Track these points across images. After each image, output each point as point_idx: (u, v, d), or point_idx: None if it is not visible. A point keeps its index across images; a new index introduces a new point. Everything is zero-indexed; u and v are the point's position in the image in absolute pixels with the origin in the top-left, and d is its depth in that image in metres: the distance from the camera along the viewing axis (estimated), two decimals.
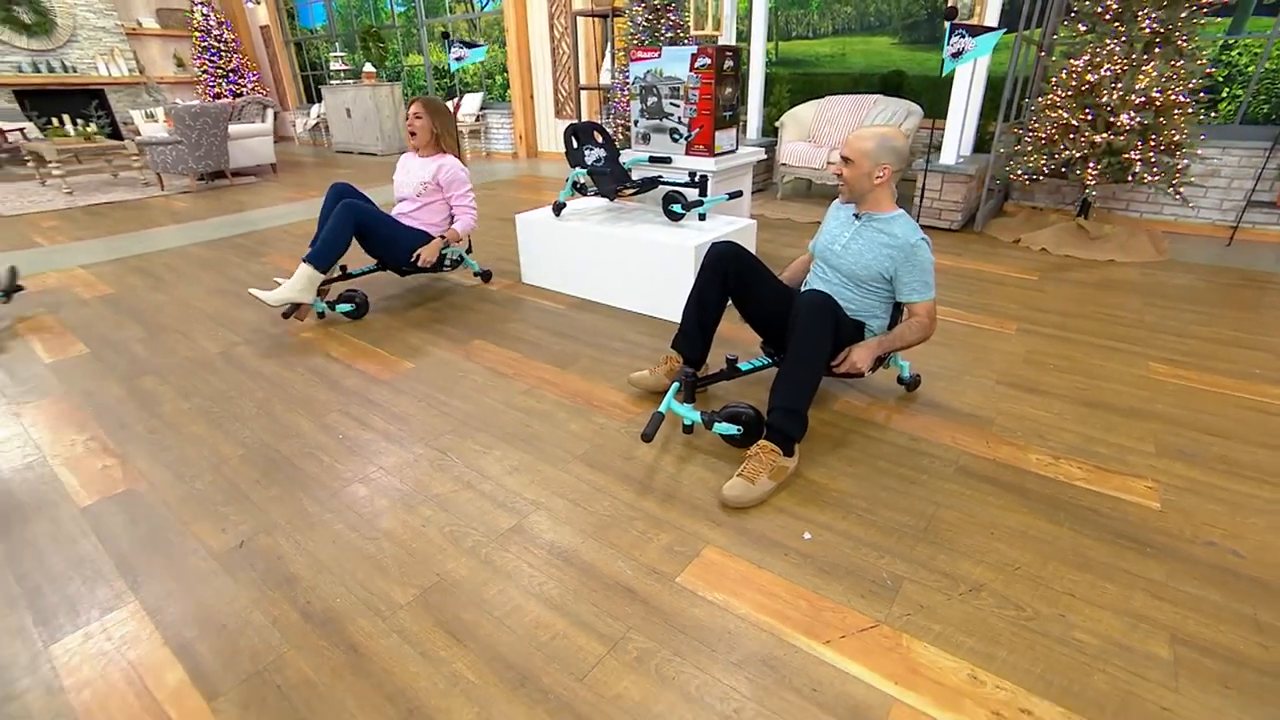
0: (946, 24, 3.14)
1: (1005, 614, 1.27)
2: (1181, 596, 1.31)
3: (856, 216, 1.81)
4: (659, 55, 2.90)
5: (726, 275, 1.90)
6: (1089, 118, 3.44)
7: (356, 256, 2.97)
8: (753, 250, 2.80)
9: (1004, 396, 2.10)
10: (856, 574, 1.37)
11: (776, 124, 5.08)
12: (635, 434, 1.88)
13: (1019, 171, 3.84)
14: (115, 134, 8.87)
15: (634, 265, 2.72)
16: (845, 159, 1.70)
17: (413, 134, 2.86)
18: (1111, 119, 3.42)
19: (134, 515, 1.64)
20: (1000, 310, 2.84)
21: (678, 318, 2.69)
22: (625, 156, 3.04)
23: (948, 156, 4.04)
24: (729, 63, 2.86)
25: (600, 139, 2.94)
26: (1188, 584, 1.34)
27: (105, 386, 2.34)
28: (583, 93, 6.44)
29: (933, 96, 5.21)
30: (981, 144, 4.50)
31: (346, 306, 2.79)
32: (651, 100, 3.01)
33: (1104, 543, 1.45)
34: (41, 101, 8.69)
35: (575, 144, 2.89)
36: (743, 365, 1.94)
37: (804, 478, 1.68)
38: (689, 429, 1.88)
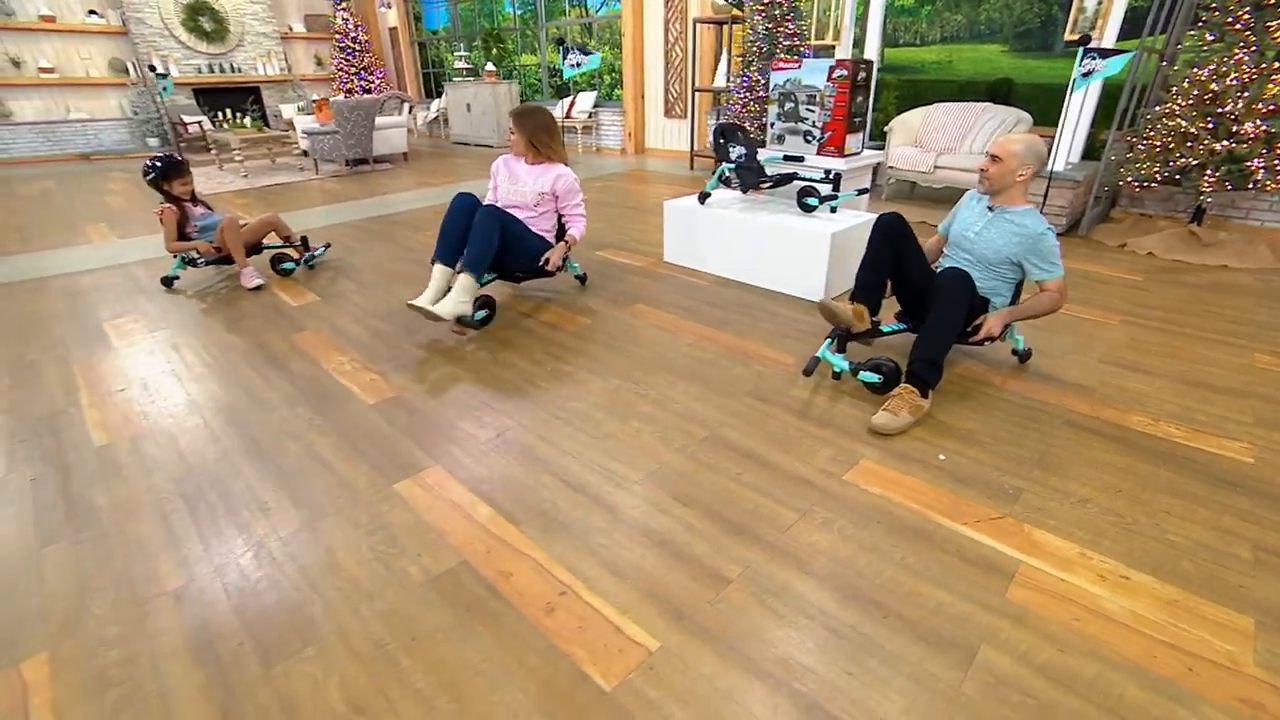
0: (1081, 48, 3.39)
1: (1108, 519, 1.61)
2: (1266, 521, 1.61)
3: (990, 208, 2.15)
4: (799, 66, 3.29)
5: (894, 238, 2.21)
6: (1209, 126, 3.58)
7: None
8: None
9: (1107, 373, 2.38)
10: (983, 484, 1.74)
11: (885, 129, 5.35)
12: (791, 378, 2.31)
13: (1129, 178, 3.99)
14: (265, 125, 10.07)
15: (775, 248, 3.14)
16: (994, 157, 2.05)
17: (511, 145, 2.98)
18: (1235, 127, 3.54)
19: (409, 412, 2.20)
20: (1104, 304, 3.06)
21: (812, 295, 3.09)
22: (762, 154, 3.45)
23: (1056, 163, 4.22)
24: (862, 74, 3.22)
25: (743, 138, 3.36)
26: (1274, 514, 1.63)
27: (343, 324, 2.96)
28: (695, 94, 6.87)
29: (1041, 104, 5.33)
30: (1090, 151, 4.63)
31: (483, 314, 2.82)
32: (789, 105, 3.40)
33: (1198, 481, 1.76)
34: (210, 97, 9.96)
35: (723, 141, 3.33)
36: (884, 327, 2.32)
37: (935, 418, 2.05)
38: (838, 375, 2.28)
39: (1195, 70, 3.64)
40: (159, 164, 3.35)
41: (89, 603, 1.43)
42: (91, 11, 8.89)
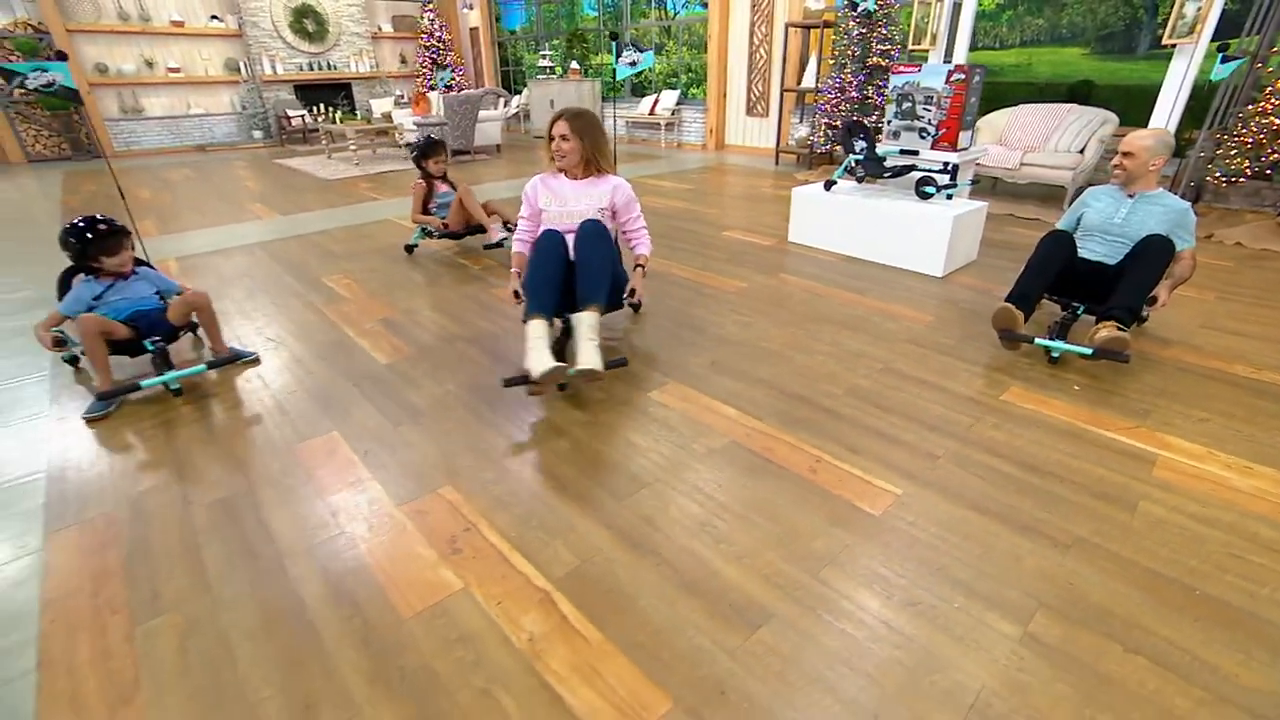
0: (1220, 54, 3.94)
1: (1227, 431, 2.04)
2: None
3: (1130, 196, 2.55)
4: (919, 70, 3.73)
5: (1065, 250, 2.56)
6: None
7: None
8: (979, 229, 3.59)
9: (1209, 335, 2.77)
10: (1116, 407, 2.18)
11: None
12: (934, 331, 2.77)
13: (1218, 174, 4.32)
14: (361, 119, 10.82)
15: (899, 229, 3.59)
16: (1127, 154, 2.46)
17: (562, 156, 2.47)
18: None
19: (626, 346, 2.70)
20: (1198, 284, 3.40)
21: (933, 271, 3.53)
22: (880, 148, 3.90)
23: None
24: (976, 78, 3.64)
25: (864, 134, 3.81)
26: None
27: None
28: (780, 94, 7.31)
29: (1122, 105, 5.64)
30: (1174, 149, 4.94)
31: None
32: (906, 105, 3.84)
33: None
34: (306, 93, 10.75)
35: (849, 136, 3.78)
36: (1078, 309, 2.67)
37: (1067, 362, 2.49)
38: (1055, 359, 2.53)
39: None
40: (420, 144, 3.97)
41: (456, 459, 1.97)
42: (214, 16, 9.71)
